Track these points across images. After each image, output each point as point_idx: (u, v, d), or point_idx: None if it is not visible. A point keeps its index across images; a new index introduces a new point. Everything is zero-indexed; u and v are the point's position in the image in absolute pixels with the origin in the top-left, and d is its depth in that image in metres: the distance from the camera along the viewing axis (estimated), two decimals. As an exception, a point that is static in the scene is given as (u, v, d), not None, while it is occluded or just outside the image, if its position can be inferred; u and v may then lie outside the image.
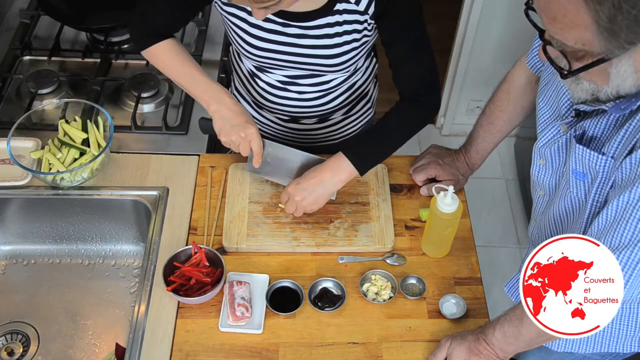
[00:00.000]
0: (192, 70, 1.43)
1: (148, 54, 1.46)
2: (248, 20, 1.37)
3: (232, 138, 1.41)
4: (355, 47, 1.40)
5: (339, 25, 1.35)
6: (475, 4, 2.59)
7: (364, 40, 1.40)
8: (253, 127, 1.40)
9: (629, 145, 0.98)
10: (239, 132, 1.40)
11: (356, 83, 1.57)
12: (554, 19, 0.86)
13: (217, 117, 1.41)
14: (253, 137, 1.41)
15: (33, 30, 1.98)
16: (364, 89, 1.62)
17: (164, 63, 1.45)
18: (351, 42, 1.38)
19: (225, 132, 1.40)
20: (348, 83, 1.54)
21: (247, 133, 1.40)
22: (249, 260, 1.45)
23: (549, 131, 1.17)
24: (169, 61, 1.44)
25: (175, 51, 1.43)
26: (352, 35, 1.37)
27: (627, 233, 0.99)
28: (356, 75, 1.55)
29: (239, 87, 1.68)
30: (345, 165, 1.41)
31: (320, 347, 1.33)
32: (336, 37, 1.37)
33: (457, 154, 1.60)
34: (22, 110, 1.71)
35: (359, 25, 1.36)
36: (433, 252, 1.47)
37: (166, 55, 1.44)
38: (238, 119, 1.39)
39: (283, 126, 1.66)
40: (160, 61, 1.46)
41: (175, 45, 1.44)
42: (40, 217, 1.59)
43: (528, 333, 1.16)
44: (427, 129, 3.15)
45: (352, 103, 1.63)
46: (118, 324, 1.54)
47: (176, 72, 1.45)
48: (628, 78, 0.90)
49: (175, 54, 1.43)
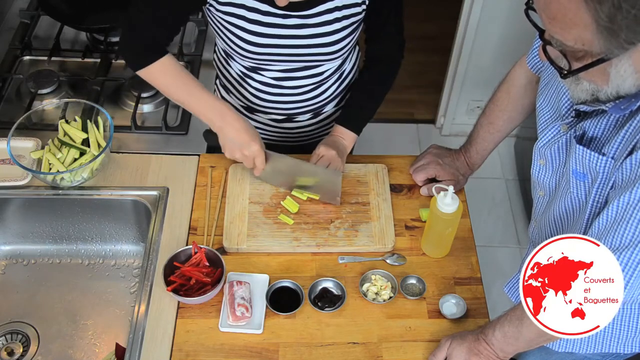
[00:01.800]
0: (193, 88, 1.41)
1: (145, 74, 1.42)
2: (247, 17, 1.37)
3: (236, 156, 1.44)
4: (351, 31, 1.43)
5: (337, 10, 1.38)
6: (475, 4, 2.59)
7: (358, 22, 1.43)
8: (256, 144, 1.42)
9: (629, 145, 0.98)
10: (243, 150, 1.42)
11: (345, 71, 1.60)
12: (553, 19, 0.86)
13: (221, 135, 1.42)
14: (256, 155, 1.43)
15: (33, 30, 1.98)
16: (351, 77, 1.65)
17: (163, 82, 1.42)
18: (348, 27, 1.41)
19: (229, 149, 1.43)
20: (338, 72, 1.57)
21: (250, 151, 1.42)
22: (249, 260, 1.45)
23: (549, 131, 1.17)
24: (168, 80, 1.42)
25: (173, 69, 1.41)
26: (349, 19, 1.40)
27: (627, 234, 0.99)
28: (345, 63, 1.58)
29: (224, 95, 1.67)
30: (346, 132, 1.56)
31: (320, 347, 1.33)
32: (335, 23, 1.39)
33: (457, 154, 1.60)
34: (22, 110, 1.71)
35: (356, 8, 1.39)
36: (433, 252, 1.47)
37: (164, 74, 1.41)
38: (241, 137, 1.41)
39: (277, 127, 1.66)
40: (158, 80, 1.43)
41: (172, 62, 1.41)
42: (40, 217, 1.59)
43: (528, 333, 1.16)
44: (427, 129, 3.17)
45: (343, 93, 1.66)
46: (118, 324, 1.54)
47: (177, 90, 1.43)
48: (628, 78, 0.90)
49: (175, 72, 1.41)
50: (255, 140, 1.42)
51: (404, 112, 3.19)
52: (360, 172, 1.61)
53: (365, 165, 1.62)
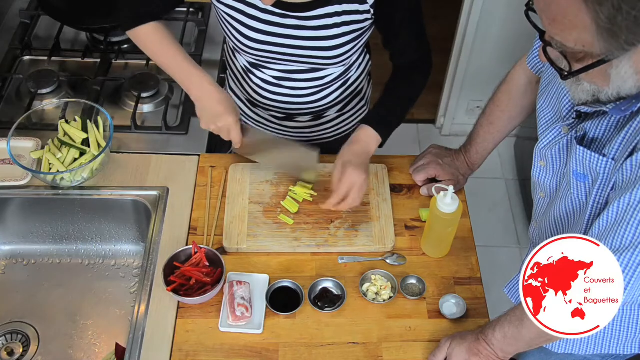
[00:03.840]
0: (175, 55, 1.42)
1: (132, 35, 1.44)
2: (245, 12, 1.37)
3: (211, 127, 1.44)
4: (354, 38, 1.40)
5: (337, 16, 1.35)
6: (475, 4, 2.59)
7: (362, 30, 1.40)
8: (231, 116, 1.41)
9: (629, 147, 0.98)
10: (217, 121, 1.42)
11: (350, 78, 1.58)
12: (554, 20, 0.86)
13: (197, 105, 1.43)
14: (231, 127, 1.43)
15: (33, 30, 1.98)
16: (358, 85, 1.62)
17: (148, 45, 1.45)
18: (350, 33, 1.39)
19: (204, 120, 1.44)
20: (343, 78, 1.55)
21: (225, 123, 1.42)
22: (249, 260, 1.45)
23: (550, 133, 1.17)
24: (153, 44, 1.43)
25: (160, 35, 1.42)
26: (350, 26, 1.38)
27: (627, 235, 0.99)
28: (351, 70, 1.55)
29: (232, 86, 1.68)
30: (373, 135, 1.45)
31: (320, 347, 1.33)
32: (335, 28, 1.37)
33: (457, 154, 1.60)
34: (22, 110, 1.71)
35: (358, 15, 1.36)
36: (433, 252, 1.47)
37: (150, 38, 1.43)
38: (216, 108, 1.41)
39: (277, 124, 1.66)
40: (144, 43, 1.45)
41: (161, 29, 1.42)
42: (40, 217, 1.59)
43: (528, 333, 1.16)
44: (427, 129, 3.17)
45: (347, 100, 1.63)
46: (118, 324, 1.54)
47: (160, 56, 1.44)
48: (628, 79, 0.90)
49: (160, 37, 1.42)
50: (230, 113, 1.41)
51: (404, 112, 3.19)
52: (360, 172, 1.61)
53: (365, 166, 1.62)
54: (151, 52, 1.46)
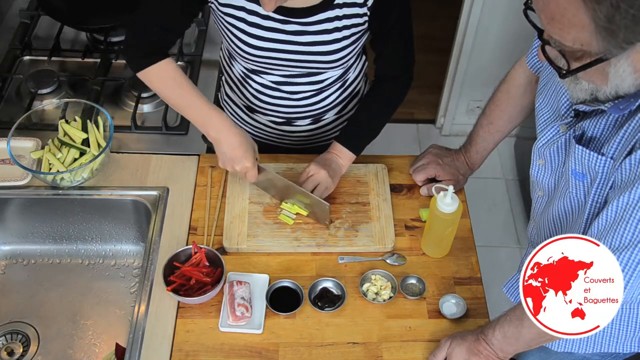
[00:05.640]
0: (191, 95, 1.40)
1: (144, 76, 1.41)
2: (247, 20, 1.37)
3: (228, 169, 1.45)
4: (353, 41, 1.41)
5: (338, 20, 1.36)
6: (475, 4, 2.59)
7: (360, 33, 1.41)
8: (249, 160, 1.42)
9: (628, 145, 0.98)
10: (235, 165, 1.43)
11: (348, 80, 1.58)
12: (552, 19, 0.86)
13: (215, 146, 1.43)
14: (248, 171, 1.44)
15: (33, 30, 1.98)
16: (355, 86, 1.63)
17: (160, 86, 1.42)
18: (350, 37, 1.40)
19: (222, 161, 1.45)
20: (341, 80, 1.56)
21: (242, 167, 1.43)
22: (249, 260, 1.45)
23: (549, 131, 1.17)
24: (166, 86, 1.41)
25: (172, 73, 1.39)
26: (350, 29, 1.38)
27: (627, 234, 0.99)
28: (349, 72, 1.56)
29: (229, 92, 1.67)
30: (344, 150, 1.52)
31: (320, 347, 1.33)
32: (335, 32, 1.38)
33: (457, 154, 1.60)
34: (22, 110, 1.72)
35: (358, 18, 1.37)
36: (433, 252, 1.47)
37: (162, 78, 1.40)
38: (235, 153, 1.41)
39: (276, 129, 1.66)
40: (155, 84, 1.42)
41: (172, 67, 1.40)
42: (40, 217, 1.59)
43: (528, 333, 1.16)
44: (427, 129, 3.17)
45: (345, 102, 1.64)
46: (118, 324, 1.54)
47: (175, 97, 1.42)
48: (627, 78, 0.89)
49: (173, 77, 1.40)
50: (248, 157, 1.41)
51: (404, 112, 3.18)
52: (360, 172, 1.61)
53: (366, 165, 1.62)
54: (164, 94, 1.43)
